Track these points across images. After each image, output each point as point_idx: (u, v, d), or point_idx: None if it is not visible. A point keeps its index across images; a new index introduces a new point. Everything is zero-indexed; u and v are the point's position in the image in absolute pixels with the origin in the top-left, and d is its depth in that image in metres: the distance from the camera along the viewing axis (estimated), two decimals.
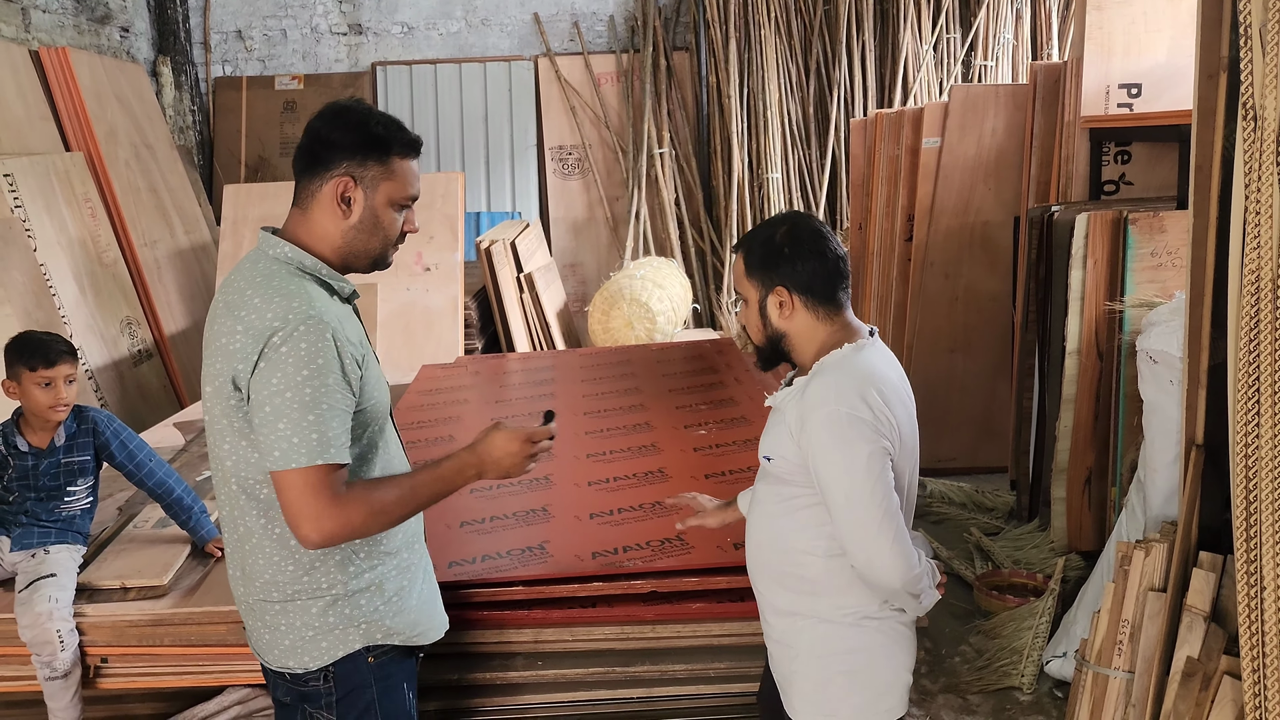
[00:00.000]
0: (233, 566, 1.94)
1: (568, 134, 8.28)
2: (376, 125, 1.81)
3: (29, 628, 2.55)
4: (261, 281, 1.76)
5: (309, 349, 1.69)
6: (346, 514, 1.71)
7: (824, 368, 1.81)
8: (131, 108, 6.72)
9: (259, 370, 1.69)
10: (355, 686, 1.89)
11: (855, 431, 1.73)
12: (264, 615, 1.87)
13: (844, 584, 1.84)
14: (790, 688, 1.92)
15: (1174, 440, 2.85)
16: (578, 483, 3.18)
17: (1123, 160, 4.46)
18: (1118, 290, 3.58)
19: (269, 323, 1.70)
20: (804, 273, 1.82)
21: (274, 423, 1.68)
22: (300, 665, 1.86)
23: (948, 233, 5.21)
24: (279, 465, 1.69)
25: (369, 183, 1.81)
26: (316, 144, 1.81)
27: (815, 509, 1.83)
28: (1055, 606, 3.48)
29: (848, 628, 1.85)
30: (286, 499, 1.71)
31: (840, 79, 7.83)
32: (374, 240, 1.85)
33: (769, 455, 1.87)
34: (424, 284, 6.10)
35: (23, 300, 4.81)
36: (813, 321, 1.85)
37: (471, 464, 1.85)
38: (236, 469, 1.80)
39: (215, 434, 1.83)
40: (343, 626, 1.86)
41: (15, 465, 2.77)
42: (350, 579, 1.85)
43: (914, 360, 5.29)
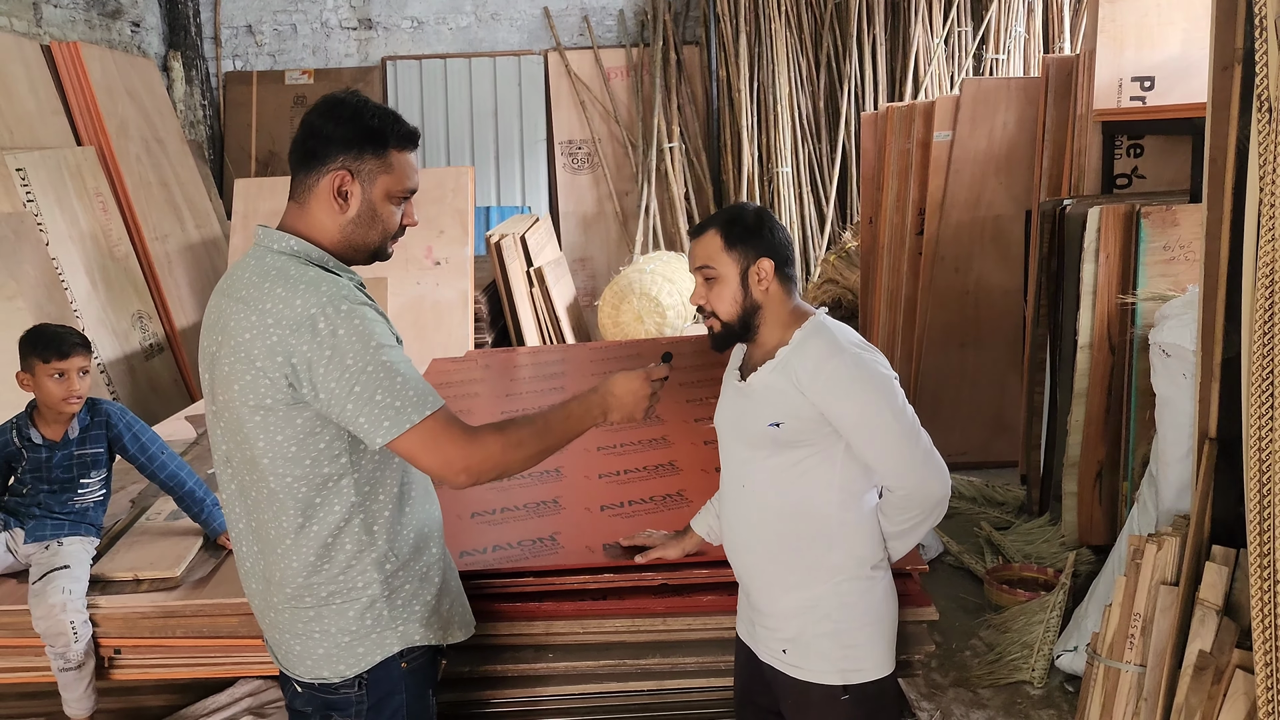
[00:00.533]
0: (253, 578, 1.89)
1: (577, 128, 8.28)
2: (372, 118, 1.78)
3: (43, 619, 2.56)
4: (277, 275, 1.73)
5: (362, 324, 1.69)
6: (486, 447, 1.74)
7: (809, 332, 1.93)
8: (142, 102, 6.74)
9: (327, 360, 1.66)
10: (387, 693, 1.87)
11: (873, 368, 1.88)
12: (295, 625, 1.83)
13: (859, 534, 1.96)
14: (813, 655, 1.96)
15: (1186, 434, 2.84)
16: (588, 475, 3.19)
17: (1135, 154, 4.43)
18: (1130, 284, 3.57)
19: (305, 311, 1.67)
20: (780, 250, 1.97)
21: (370, 398, 1.67)
22: (336, 674, 1.83)
23: (959, 227, 5.20)
24: (395, 431, 1.68)
25: (366, 176, 1.78)
26: (312, 138, 1.78)
27: (824, 466, 1.93)
28: (1066, 601, 3.47)
29: (863, 580, 1.96)
30: (422, 458, 1.72)
31: (851, 73, 7.81)
32: (372, 233, 1.83)
33: (778, 422, 1.91)
34: (434, 278, 6.11)
35: (35, 294, 4.83)
36: (782, 296, 1.97)
37: (597, 404, 1.91)
38: (274, 467, 1.74)
39: (241, 436, 1.76)
40: (380, 630, 1.83)
41: (29, 458, 2.79)
42: (388, 578, 1.83)
43: (924, 354, 5.28)
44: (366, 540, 1.80)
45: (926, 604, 2.51)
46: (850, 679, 1.95)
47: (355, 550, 1.79)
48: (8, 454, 2.80)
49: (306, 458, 1.74)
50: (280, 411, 1.71)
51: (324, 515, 1.77)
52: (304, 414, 1.72)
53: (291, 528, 1.78)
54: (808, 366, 1.88)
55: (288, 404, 1.71)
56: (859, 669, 1.96)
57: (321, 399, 1.68)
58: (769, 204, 7.87)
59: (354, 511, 1.78)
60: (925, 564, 2.59)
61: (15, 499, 2.84)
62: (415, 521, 1.89)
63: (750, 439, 1.98)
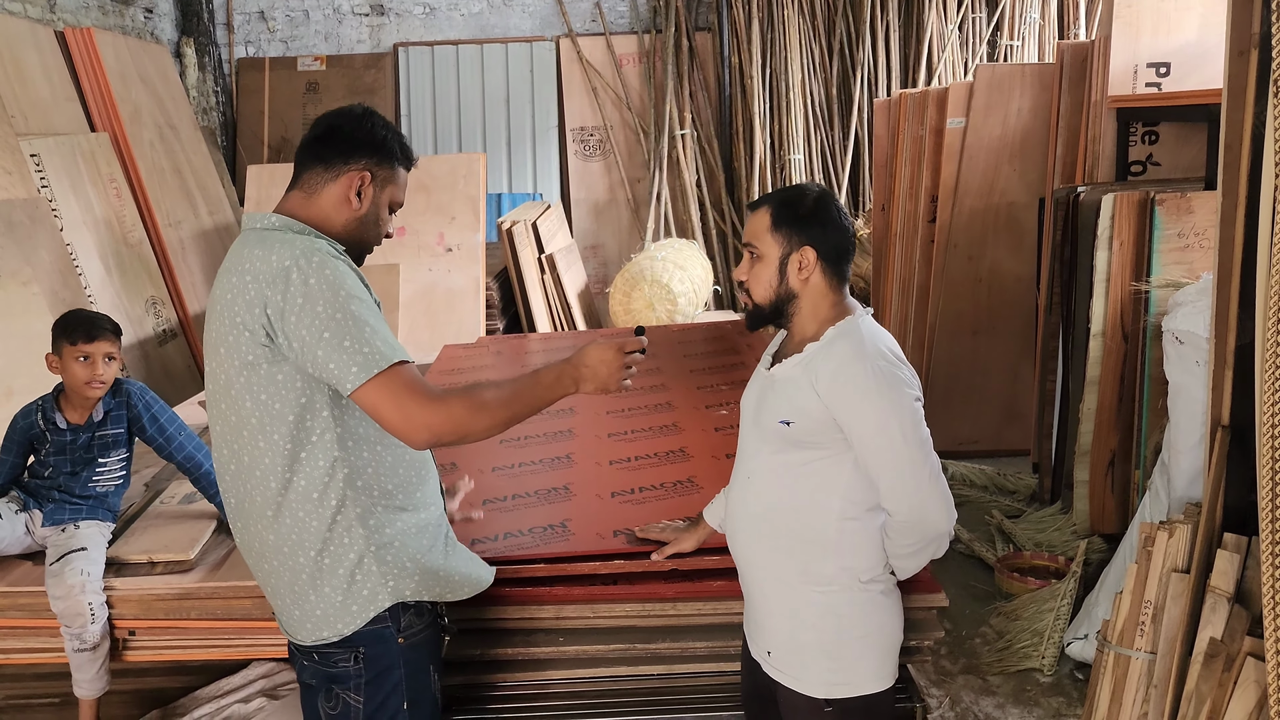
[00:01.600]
0: (249, 554, 1.95)
1: (589, 115, 8.26)
2: (393, 136, 1.97)
3: (60, 599, 2.59)
4: (256, 241, 1.84)
5: (334, 274, 1.77)
6: (448, 408, 1.77)
7: (843, 332, 1.87)
8: (155, 88, 6.75)
9: (298, 308, 1.73)
10: (385, 668, 1.91)
11: (894, 381, 1.81)
12: (293, 589, 1.89)
13: (855, 547, 1.88)
14: (797, 663, 1.93)
15: (1199, 422, 2.83)
16: (599, 461, 3.19)
17: (1150, 141, 4.41)
18: (1143, 272, 3.55)
19: (280, 264, 1.76)
20: (830, 241, 1.89)
21: (339, 344, 1.73)
22: (334, 633, 1.88)
23: (971, 214, 5.18)
24: (362, 378, 1.73)
25: (380, 181, 1.95)
26: (336, 137, 1.92)
27: (830, 472, 1.86)
28: (1077, 589, 3.47)
29: (857, 592, 1.89)
30: (383, 409, 1.75)
31: (864, 59, 7.77)
32: (369, 233, 1.97)
33: (788, 419, 1.87)
34: (446, 264, 6.11)
35: (49, 279, 4.86)
36: (824, 289, 1.91)
37: (569, 374, 1.91)
38: (261, 426, 1.81)
39: (231, 400, 1.84)
40: (371, 586, 1.88)
41: (52, 440, 2.81)
42: (372, 533, 1.87)
43: (936, 342, 5.27)
44: (351, 495, 1.86)
45: (937, 590, 2.51)
46: (835, 692, 1.89)
47: (338, 505, 1.85)
48: (31, 435, 2.83)
49: (290, 413, 1.80)
50: (263, 368, 1.79)
51: (309, 471, 1.83)
52: (284, 369, 1.79)
53: (279, 486, 1.84)
54: (829, 368, 1.82)
55: (269, 360, 1.78)
56: (845, 683, 1.90)
57: (295, 348, 1.76)
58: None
59: (337, 466, 1.84)
60: None
61: (36, 481, 2.86)
62: (405, 479, 1.93)
63: (763, 430, 1.94)
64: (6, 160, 4.94)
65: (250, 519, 1.89)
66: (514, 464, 3.21)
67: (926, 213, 5.38)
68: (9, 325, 4.41)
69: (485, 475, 3.14)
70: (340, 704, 1.92)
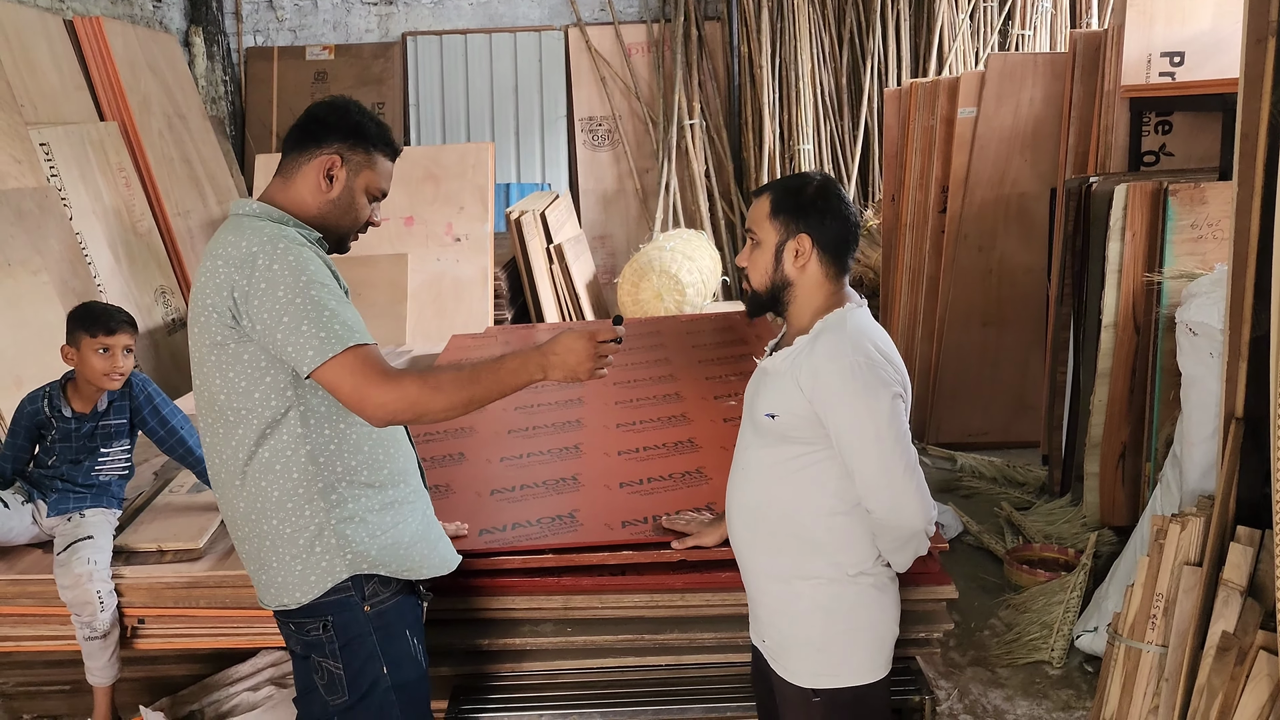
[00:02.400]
0: (228, 522, 2.02)
1: (598, 105, 8.24)
2: (370, 122, 2.00)
3: (69, 588, 2.59)
4: (232, 227, 1.91)
5: (296, 260, 1.83)
6: (402, 387, 1.81)
7: (829, 326, 1.86)
8: (164, 78, 6.75)
9: (261, 292, 1.80)
10: (355, 635, 1.97)
11: (875, 379, 1.79)
12: (257, 556, 1.97)
13: (843, 542, 1.88)
14: (787, 653, 1.94)
15: (1212, 414, 2.81)
16: (608, 452, 3.19)
17: (1163, 131, 4.37)
18: (1156, 263, 3.53)
19: (248, 249, 1.83)
20: (829, 230, 1.88)
21: (298, 328, 1.79)
22: (293, 601, 1.95)
23: (982, 205, 5.15)
24: (318, 360, 1.79)
25: (353, 166, 1.98)
26: (313, 123, 1.99)
27: (819, 466, 1.86)
28: (1087, 582, 3.45)
29: (845, 585, 1.89)
30: (341, 389, 1.81)
31: (874, 48, 7.73)
32: (345, 219, 2.01)
33: (773, 413, 1.88)
34: (454, 254, 6.11)
35: (59, 268, 4.86)
36: (820, 278, 1.90)
37: (535, 360, 1.90)
38: (230, 402, 1.89)
39: (203, 377, 1.92)
40: (329, 558, 1.93)
41: (58, 428, 2.82)
42: (332, 507, 1.92)
43: (946, 334, 5.25)
44: (313, 470, 1.91)
45: (946, 582, 2.51)
46: (822, 683, 1.90)
47: (300, 478, 1.91)
48: (37, 422, 2.84)
49: (255, 390, 1.88)
50: (230, 348, 1.86)
51: (273, 444, 1.89)
52: (250, 349, 1.86)
53: (245, 458, 1.91)
54: (811, 364, 1.82)
55: (236, 340, 1.86)
56: (834, 674, 1.90)
57: (257, 330, 1.82)
58: None
59: (299, 442, 1.90)
60: (945, 542, 2.59)
61: (40, 471, 2.87)
62: (371, 456, 1.97)
63: (755, 422, 1.95)
64: (16, 149, 4.94)
65: (224, 488, 1.98)
66: (522, 454, 3.21)
67: (937, 203, 5.36)
68: (19, 314, 4.41)
69: (493, 465, 3.14)
70: (325, 673, 1.99)
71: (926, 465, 4.88)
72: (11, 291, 4.45)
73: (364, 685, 1.98)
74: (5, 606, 2.74)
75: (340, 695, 1.99)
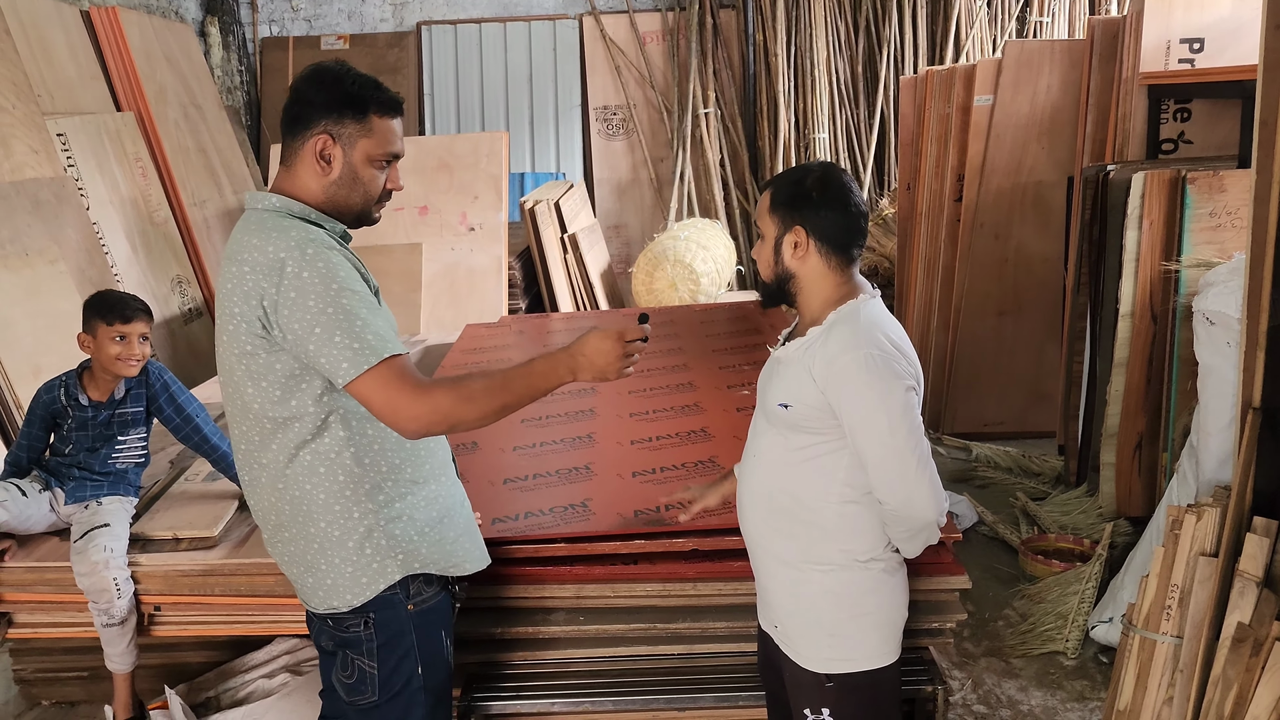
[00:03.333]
0: (266, 527, 1.97)
1: (612, 94, 8.22)
2: (352, 84, 1.87)
3: (86, 576, 2.62)
4: (256, 227, 1.83)
5: (326, 267, 1.76)
6: (434, 399, 1.77)
7: (842, 317, 1.86)
8: (180, 68, 6.77)
9: (291, 302, 1.74)
10: (395, 633, 1.94)
11: (887, 371, 1.79)
12: (304, 559, 1.92)
13: (854, 529, 1.89)
14: (799, 638, 1.95)
15: (1229, 404, 2.79)
16: (620, 441, 3.19)
17: (1182, 118, 4.33)
18: (1174, 252, 3.50)
19: (275, 255, 1.76)
20: (825, 220, 1.87)
21: (330, 339, 1.74)
22: (344, 604, 1.91)
23: (999, 193, 5.11)
24: (352, 374, 1.75)
25: (347, 140, 1.87)
26: (297, 104, 1.88)
27: (831, 456, 1.87)
28: (1102, 572, 3.44)
29: (857, 572, 1.90)
30: (374, 402, 1.77)
31: (890, 36, 7.68)
32: (355, 196, 1.91)
33: (786, 403, 1.88)
34: (469, 244, 6.11)
35: (76, 258, 4.89)
36: (823, 269, 1.89)
37: (564, 362, 1.88)
38: (264, 411, 1.84)
39: (234, 385, 1.87)
40: (380, 559, 1.90)
41: (74, 416, 2.84)
42: (380, 508, 1.89)
43: (962, 323, 5.22)
44: (359, 472, 1.88)
45: (959, 573, 2.50)
46: (835, 668, 1.91)
47: (346, 480, 1.87)
48: (53, 411, 2.86)
49: (291, 399, 1.82)
50: (261, 357, 1.81)
51: (315, 448, 1.85)
52: (282, 358, 1.80)
53: (285, 460, 1.86)
54: (825, 354, 1.82)
55: (266, 350, 1.80)
56: (846, 659, 1.91)
57: (288, 340, 1.77)
58: None
59: (344, 445, 1.86)
60: (959, 533, 2.58)
61: (57, 459, 2.89)
62: (413, 452, 1.95)
63: (768, 411, 1.96)
64: (33, 139, 4.97)
65: (263, 493, 1.92)
66: (535, 443, 3.21)
67: (952, 192, 5.32)
68: (37, 304, 4.45)
69: (506, 454, 3.15)
70: (355, 671, 1.95)
71: (941, 455, 4.87)
72: (29, 281, 4.48)
73: (396, 685, 1.94)
74: (23, 593, 2.77)
75: (367, 695, 1.94)
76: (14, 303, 4.33)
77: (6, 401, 4.15)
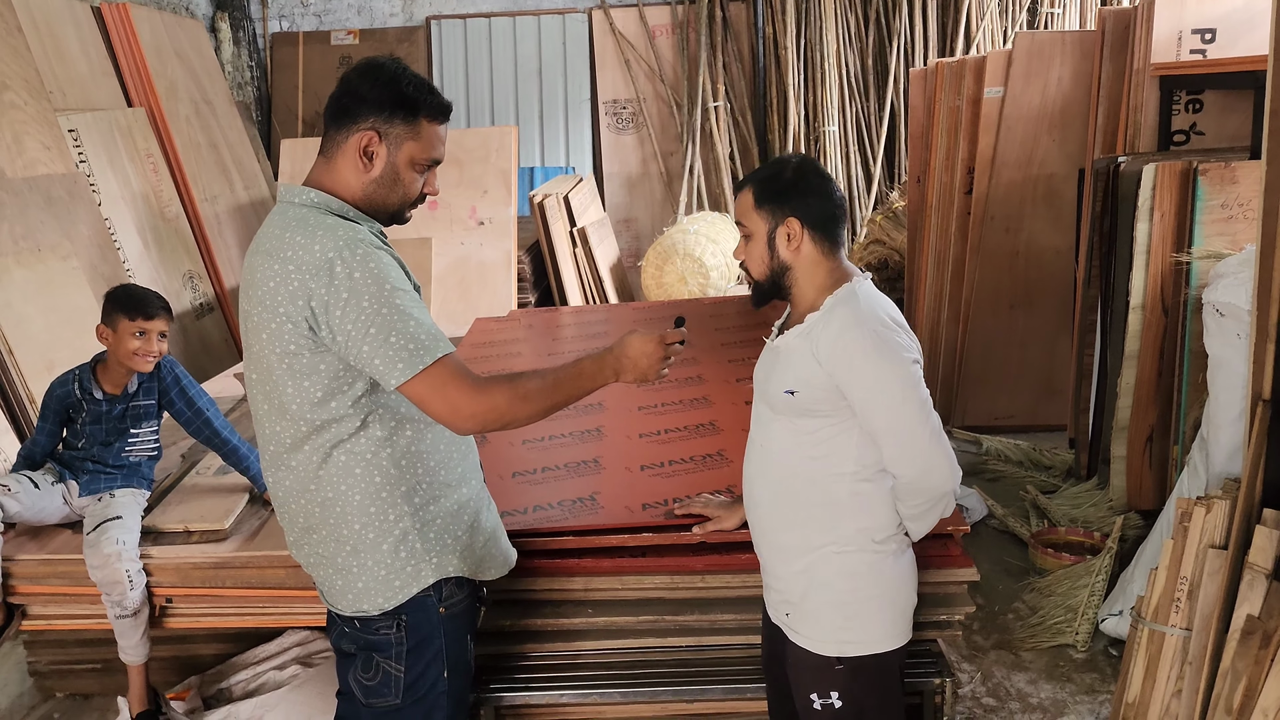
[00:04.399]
0: (292, 530, 1.95)
1: (622, 88, 8.21)
2: (408, 85, 1.84)
3: (98, 568, 2.64)
4: (297, 224, 1.79)
5: (377, 267, 1.74)
6: (491, 398, 1.78)
7: (840, 300, 1.88)
8: (191, 64, 6.79)
9: (343, 303, 1.72)
10: (425, 637, 1.93)
11: (892, 346, 1.82)
12: (334, 561, 1.90)
13: (868, 508, 1.91)
14: (811, 622, 1.95)
15: (1239, 396, 2.78)
16: (629, 435, 3.19)
17: (1194, 109, 4.30)
18: (1185, 244, 3.48)
19: (323, 255, 1.73)
20: (813, 208, 1.90)
21: (385, 340, 1.72)
22: (375, 607, 1.89)
23: (1009, 186, 5.09)
24: (408, 374, 1.73)
25: (393, 140, 1.84)
26: (347, 96, 1.84)
27: (842, 437, 1.89)
28: (1112, 565, 3.43)
29: (869, 553, 1.92)
30: (430, 403, 1.76)
31: (900, 28, 7.65)
32: (392, 196, 1.89)
33: (793, 389, 1.89)
34: (478, 238, 6.12)
35: (88, 253, 4.92)
36: (817, 257, 1.92)
37: (610, 363, 1.92)
38: (302, 412, 1.81)
39: (272, 384, 1.83)
40: (415, 562, 1.89)
41: (89, 410, 2.86)
42: (417, 510, 1.88)
43: (972, 316, 5.21)
44: (395, 474, 1.86)
45: (968, 565, 2.50)
46: (846, 650, 1.92)
47: (382, 482, 1.85)
48: (68, 404, 2.88)
49: (332, 400, 1.81)
50: (305, 357, 1.78)
51: (351, 449, 1.84)
52: (326, 359, 1.78)
53: (320, 460, 1.84)
54: (828, 335, 1.84)
55: (311, 350, 1.77)
56: (857, 641, 1.93)
57: (339, 341, 1.75)
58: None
59: (381, 446, 1.85)
60: (968, 525, 2.57)
61: (70, 452, 2.91)
62: (448, 456, 1.94)
63: (771, 400, 1.96)
64: (45, 135, 4.99)
65: (292, 494, 1.90)
66: (544, 436, 3.22)
67: (963, 184, 5.31)
68: (50, 299, 4.47)
69: (515, 448, 3.15)
70: (379, 673, 1.93)
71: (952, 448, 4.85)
72: (42, 276, 4.51)
73: (421, 689, 1.93)
74: (37, 586, 2.80)
75: (389, 698, 1.92)
76: (27, 298, 4.36)
77: (20, 396, 4.18)
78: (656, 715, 2.57)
